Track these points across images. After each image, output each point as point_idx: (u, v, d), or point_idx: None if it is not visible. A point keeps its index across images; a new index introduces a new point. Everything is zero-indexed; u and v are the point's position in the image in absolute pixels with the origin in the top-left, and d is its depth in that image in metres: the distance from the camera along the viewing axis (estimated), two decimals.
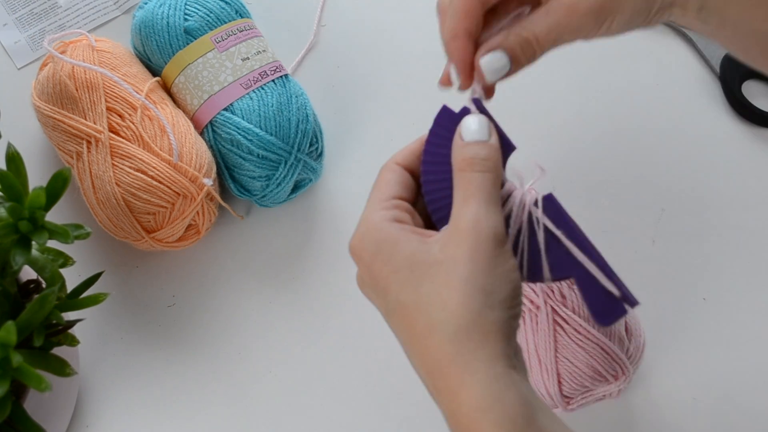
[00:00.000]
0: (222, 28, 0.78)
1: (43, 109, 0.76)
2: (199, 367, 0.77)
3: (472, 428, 0.46)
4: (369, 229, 0.51)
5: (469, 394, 0.46)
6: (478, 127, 0.52)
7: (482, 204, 0.49)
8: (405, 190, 0.54)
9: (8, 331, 0.53)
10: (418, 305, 0.48)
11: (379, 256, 0.49)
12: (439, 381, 0.47)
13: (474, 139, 0.52)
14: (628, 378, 0.69)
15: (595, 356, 0.67)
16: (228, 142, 0.76)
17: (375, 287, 0.50)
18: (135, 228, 0.73)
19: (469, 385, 0.46)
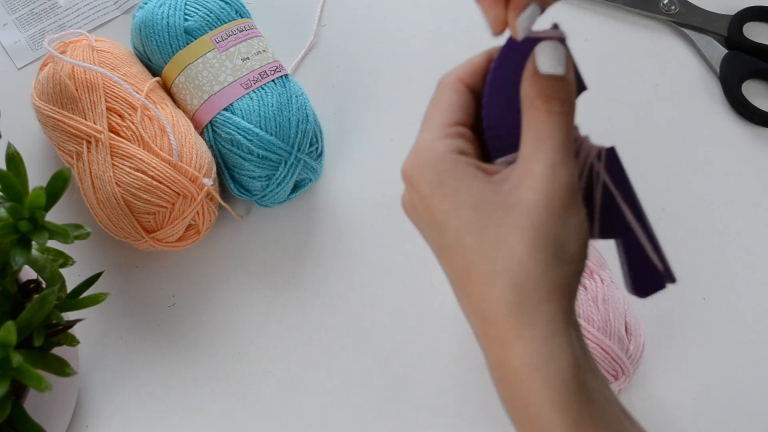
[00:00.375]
0: (222, 28, 0.78)
1: (43, 109, 0.76)
2: (198, 367, 0.77)
3: (521, 382, 0.44)
4: (431, 158, 0.46)
5: (524, 348, 0.43)
6: (556, 59, 0.47)
7: (558, 149, 0.45)
8: (467, 115, 0.49)
9: (8, 331, 0.53)
10: (481, 248, 0.44)
11: (441, 190, 0.45)
12: (492, 328, 0.44)
13: (551, 72, 0.46)
14: (628, 378, 0.69)
15: (594, 356, 0.67)
16: (228, 142, 0.76)
17: (430, 221, 0.46)
18: (135, 228, 0.73)
19: (526, 339, 0.43)
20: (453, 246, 0.45)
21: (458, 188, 0.45)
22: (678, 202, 0.83)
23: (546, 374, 0.43)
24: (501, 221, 0.44)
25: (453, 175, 0.46)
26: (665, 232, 0.81)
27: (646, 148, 0.85)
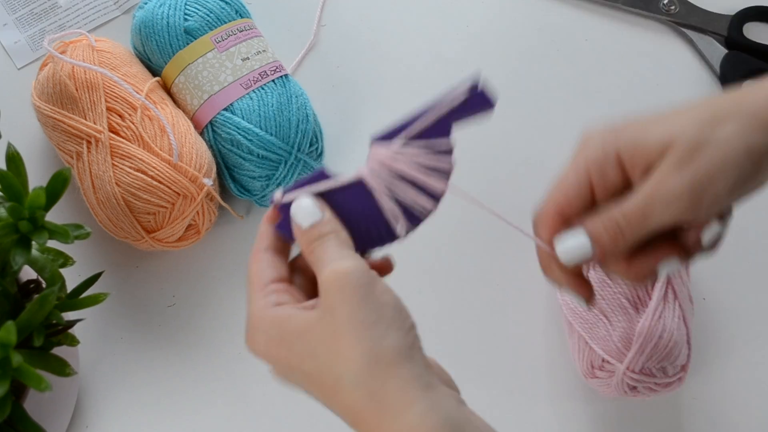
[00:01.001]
0: (222, 28, 0.78)
1: (43, 109, 0.76)
2: (198, 367, 0.77)
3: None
4: (254, 323, 0.51)
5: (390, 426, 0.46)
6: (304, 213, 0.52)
7: (332, 260, 0.49)
8: (276, 270, 0.53)
9: (8, 331, 0.53)
10: (319, 367, 0.48)
11: (273, 342, 0.50)
12: (363, 425, 0.48)
13: (309, 224, 0.52)
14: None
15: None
16: (228, 142, 0.76)
17: (284, 372, 0.51)
18: (135, 228, 0.73)
19: (387, 424, 0.46)
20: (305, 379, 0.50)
21: (282, 332, 0.49)
22: None
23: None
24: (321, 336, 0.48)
25: (275, 325, 0.50)
26: None
27: None
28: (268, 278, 0.52)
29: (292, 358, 0.49)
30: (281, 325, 0.50)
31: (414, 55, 0.88)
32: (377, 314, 0.48)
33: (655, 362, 0.68)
